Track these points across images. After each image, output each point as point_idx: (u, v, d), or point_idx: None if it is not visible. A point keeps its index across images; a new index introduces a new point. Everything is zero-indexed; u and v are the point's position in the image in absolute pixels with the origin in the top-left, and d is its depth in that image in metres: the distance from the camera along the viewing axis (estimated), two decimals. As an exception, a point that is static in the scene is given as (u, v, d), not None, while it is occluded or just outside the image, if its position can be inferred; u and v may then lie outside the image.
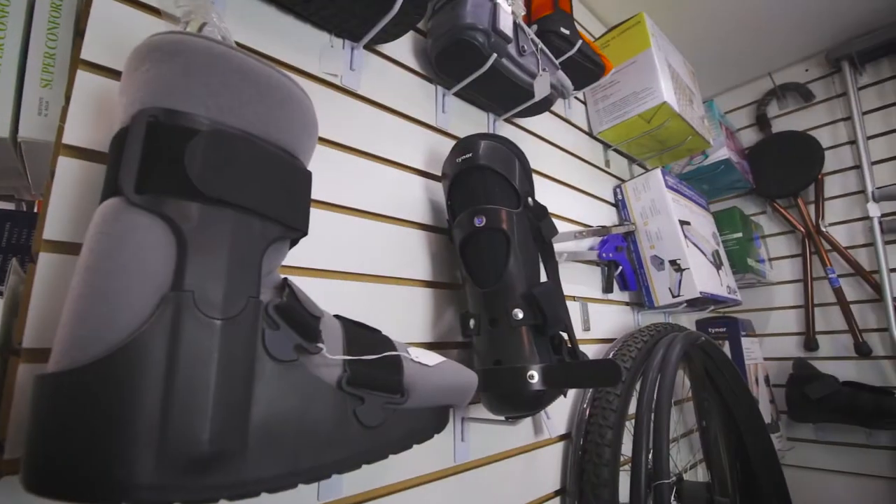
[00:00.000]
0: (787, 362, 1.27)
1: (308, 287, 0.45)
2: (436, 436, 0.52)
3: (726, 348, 1.16)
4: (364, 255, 0.51)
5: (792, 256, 1.35)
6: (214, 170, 0.26)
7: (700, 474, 1.06)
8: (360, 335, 0.34)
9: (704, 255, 0.99)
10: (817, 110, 1.36)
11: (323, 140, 0.50)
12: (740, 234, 1.20)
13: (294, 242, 0.32)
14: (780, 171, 1.33)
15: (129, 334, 0.23)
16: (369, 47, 0.58)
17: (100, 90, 0.36)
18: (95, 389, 0.22)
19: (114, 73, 0.37)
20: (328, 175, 0.50)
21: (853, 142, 1.28)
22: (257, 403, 0.26)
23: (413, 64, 0.64)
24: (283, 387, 0.27)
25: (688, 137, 1.03)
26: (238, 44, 0.45)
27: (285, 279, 0.30)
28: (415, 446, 0.49)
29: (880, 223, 1.16)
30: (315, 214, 0.48)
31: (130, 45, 0.38)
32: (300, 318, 0.28)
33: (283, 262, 0.43)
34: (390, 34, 0.56)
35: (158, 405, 0.23)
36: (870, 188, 1.19)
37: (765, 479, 0.93)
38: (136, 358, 0.23)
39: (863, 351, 1.17)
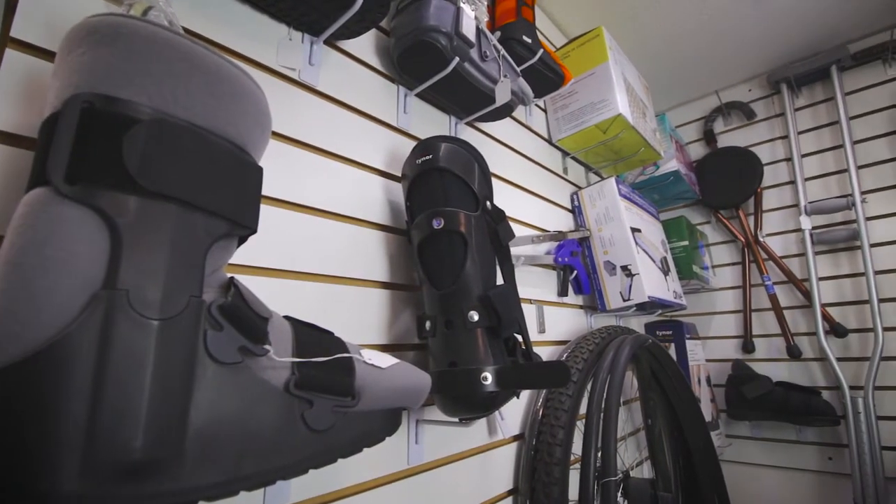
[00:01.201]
0: (727, 363, 1.35)
1: (258, 287, 0.44)
2: (389, 438, 0.51)
3: (672, 350, 1.22)
4: (319, 254, 0.50)
5: (733, 264, 1.44)
6: (155, 162, 0.25)
7: (646, 471, 1.10)
8: (310, 337, 0.33)
9: (653, 261, 1.03)
10: (758, 128, 1.45)
11: (278, 135, 0.49)
12: (686, 242, 1.27)
13: (243, 240, 0.31)
14: (724, 183, 1.42)
15: (53, 335, 0.22)
16: (330, 43, 0.57)
17: (30, 71, 0.34)
18: (13, 393, 0.21)
19: (47, 54, 0.35)
20: (283, 171, 0.49)
21: (789, 159, 1.37)
22: (197, 408, 0.25)
23: (375, 62, 0.64)
24: (226, 390, 0.26)
25: (641, 149, 1.08)
26: (187, 31, 0.43)
27: (232, 278, 0.29)
28: (367, 449, 0.48)
29: (811, 235, 1.25)
30: (267, 211, 0.46)
31: (66, 25, 0.36)
32: (246, 319, 0.27)
33: (231, 261, 0.41)
34: (352, 31, 0.55)
35: (85, 410, 0.21)
36: (803, 202, 1.28)
37: (704, 475, 0.98)
38: (60, 360, 0.21)
39: (794, 353, 1.26)
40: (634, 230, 0.99)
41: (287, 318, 0.34)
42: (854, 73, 1.29)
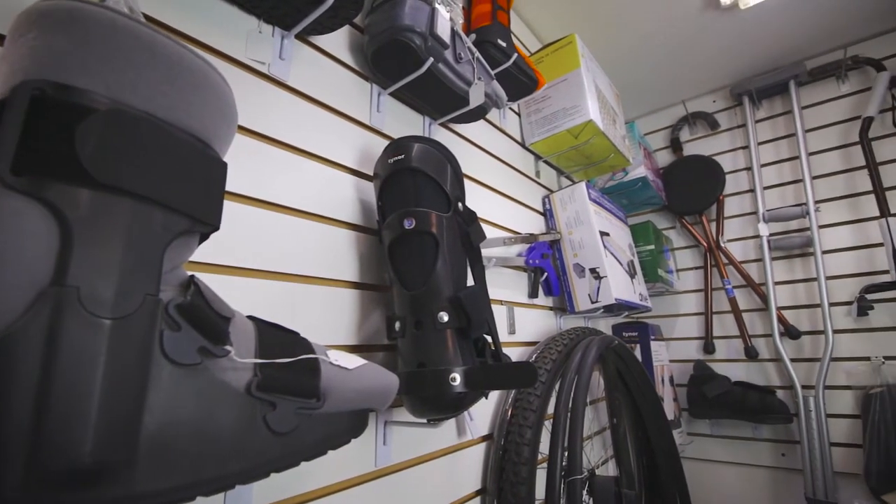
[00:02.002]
0: (689, 364, 1.40)
1: (221, 286, 0.42)
2: (356, 440, 0.51)
3: (637, 351, 1.25)
4: (286, 253, 0.49)
5: (695, 268, 1.49)
6: (111, 153, 0.24)
7: (611, 469, 1.13)
8: (275, 337, 0.32)
9: (621, 264, 1.06)
10: (722, 138, 1.51)
11: (246, 130, 0.48)
12: (653, 247, 1.30)
13: (204, 237, 0.30)
14: (689, 190, 1.47)
15: (-4, 334, 0.20)
16: (301, 38, 0.56)
17: (-24, 54, 0.32)
18: (-51, 396, 0.20)
19: (-5, 37, 0.33)
20: (250, 167, 0.47)
21: (749, 168, 1.43)
22: (152, 410, 0.24)
23: (348, 59, 0.63)
24: (183, 392, 0.25)
25: (610, 154, 1.11)
26: (148, 18, 0.42)
27: (192, 276, 0.28)
28: (334, 452, 0.48)
29: (768, 241, 1.31)
30: (233, 208, 0.45)
31: (16, 7, 0.34)
32: (205, 319, 0.26)
33: (194, 258, 0.40)
34: (325, 26, 0.55)
35: (30, 414, 0.20)
36: (761, 210, 1.34)
37: (666, 472, 1.01)
38: (3, 360, 0.20)
39: (751, 354, 1.32)
40: (603, 234, 1.02)
41: (251, 318, 0.33)
42: (810, 88, 1.36)
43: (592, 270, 0.98)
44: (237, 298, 0.44)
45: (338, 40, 0.62)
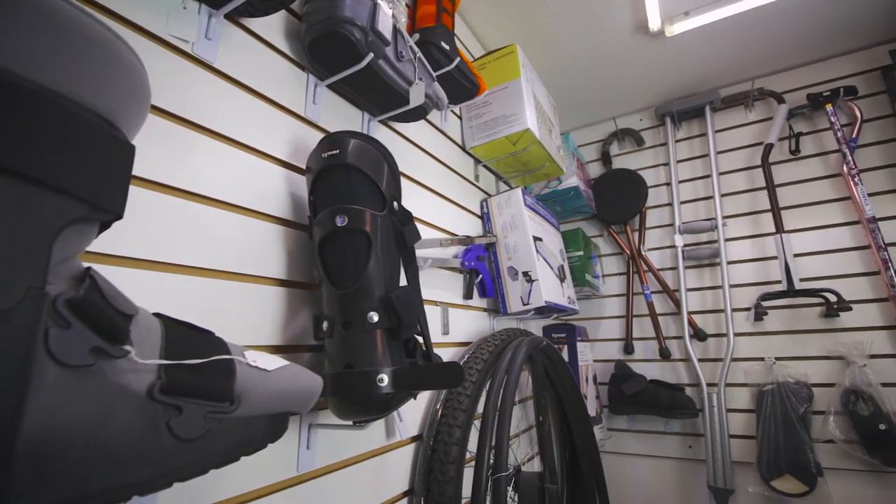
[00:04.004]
0: (611, 363, 1.49)
1: (128, 280, 0.39)
2: (277, 445, 0.49)
3: (565, 352, 1.31)
4: (204, 246, 0.46)
5: (619, 274, 1.59)
6: (-9, 128, 0.21)
7: (537, 465, 1.17)
8: (185, 337, 0.30)
9: (552, 268, 1.11)
10: (646, 154, 1.62)
11: (163, 112, 0.44)
12: (582, 253, 1.37)
13: (106, 226, 0.27)
14: (616, 201, 1.56)
15: None
16: (232, 18, 0.53)
17: None
18: None
19: None
20: (166, 152, 0.44)
21: (668, 183, 1.55)
22: (31, 416, 0.21)
23: (284, 47, 0.60)
24: (71, 397, 0.23)
25: (546, 163, 1.15)
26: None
27: (88, 269, 0.26)
28: (253, 457, 0.45)
29: (682, 251, 1.43)
30: (143, 195, 0.41)
31: None
32: (100, 316, 0.24)
33: (97, 249, 0.36)
34: (258, 9, 0.52)
35: None
36: (677, 223, 1.46)
37: (586, 465, 1.07)
38: None
39: (664, 354, 1.42)
40: (536, 239, 1.05)
41: (158, 315, 0.31)
42: (723, 114, 1.50)
43: (525, 274, 1.01)
44: (146, 294, 0.40)
45: (273, 25, 0.59)
